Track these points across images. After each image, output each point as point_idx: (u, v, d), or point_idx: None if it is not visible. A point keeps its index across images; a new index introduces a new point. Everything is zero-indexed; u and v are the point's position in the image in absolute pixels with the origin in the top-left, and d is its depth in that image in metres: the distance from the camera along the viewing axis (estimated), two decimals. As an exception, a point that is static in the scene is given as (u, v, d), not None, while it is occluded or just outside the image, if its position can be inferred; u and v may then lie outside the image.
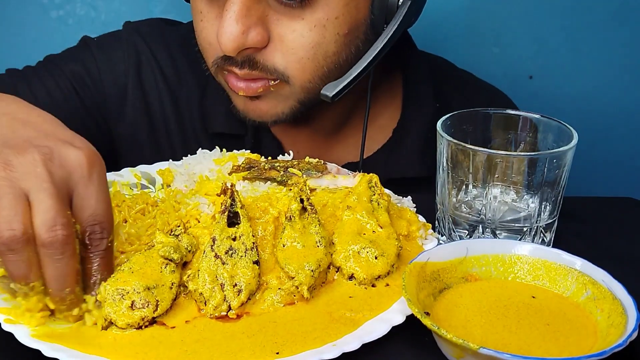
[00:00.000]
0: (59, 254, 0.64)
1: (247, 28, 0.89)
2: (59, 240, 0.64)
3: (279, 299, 0.72)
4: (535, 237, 0.83)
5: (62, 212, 0.65)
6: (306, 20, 0.90)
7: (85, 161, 0.67)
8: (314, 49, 0.92)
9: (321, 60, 0.93)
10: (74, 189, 0.67)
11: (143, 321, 0.68)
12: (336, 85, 0.91)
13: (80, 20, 1.49)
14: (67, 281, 0.66)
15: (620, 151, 1.60)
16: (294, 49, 0.92)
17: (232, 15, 0.88)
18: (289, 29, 0.91)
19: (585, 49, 1.53)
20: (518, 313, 0.68)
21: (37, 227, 0.64)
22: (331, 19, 0.91)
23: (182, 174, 0.92)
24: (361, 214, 0.79)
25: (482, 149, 0.79)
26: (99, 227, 0.68)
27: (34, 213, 0.64)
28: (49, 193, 0.64)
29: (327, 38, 0.92)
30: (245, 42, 0.90)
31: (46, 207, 0.64)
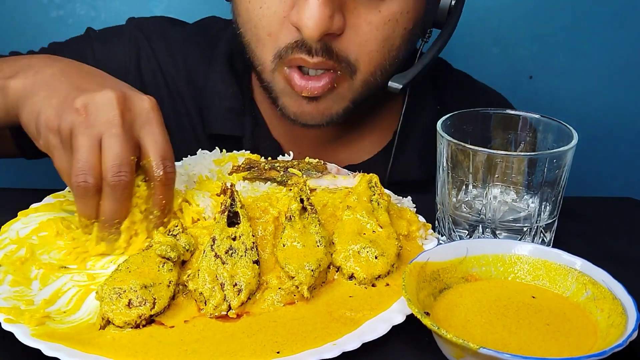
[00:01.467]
0: (119, 195, 0.74)
1: (332, 12, 0.87)
2: (121, 185, 0.73)
3: (279, 298, 0.72)
4: (535, 237, 0.83)
5: (127, 159, 0.73)
6: (382, 12, 0.90)
7: (151, 105, 0.77)
8: (383, 42, 0.92)
9: (387, 53, 0.94)
10: (141, 130, 0.76)
11: (140, 319, 0.68)
12: (405, 76, 0.94)
13: (80, 20, 1.49)
14: (119, 216, 0.76)
15: (620, 151, 1.60)
16: (367, 41, 0.92)
17: None
18: (365, 20, 0.90)
19: (585, 49, 1.53)
20: (518, 313, 0.68)
21: (105, 170, 0.73)
22: (404, 13, 0.92)
23: (182, 174, 0.92)
24: (361, 213, 0.79)
25: (482, 149, 0.79)
26: (169, 161, 0.77)
27: (104, 157, 0.73)
28: (119, 139, 0.73)
29: (396, 32, 0.93)
30: (331, 27, 0.88)
31: (114, 154, 0.73)
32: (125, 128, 0.74)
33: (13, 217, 0.84)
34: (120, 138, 0.74)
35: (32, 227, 0.82)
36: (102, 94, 0.75)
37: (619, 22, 1.51)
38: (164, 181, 0.76)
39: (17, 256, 0.77)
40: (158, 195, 0.77)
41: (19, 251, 0.78)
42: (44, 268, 0.76)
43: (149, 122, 0.76)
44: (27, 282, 0.74)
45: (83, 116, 0.74)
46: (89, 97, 0.75)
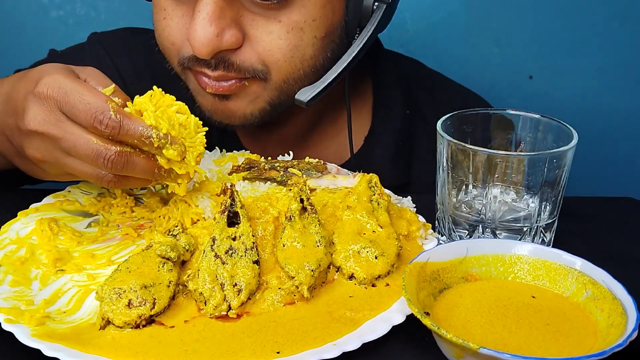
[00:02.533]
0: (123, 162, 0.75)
1: (221, 30, 0.86)
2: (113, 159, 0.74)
3: (279, 298, 0.72)
4: (535, 237, 0.83)
5: (91, 144, 0.74)
6: (283, 22, 0.88)
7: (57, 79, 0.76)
8: (291, 52, 0.89)
9: (298, 63, 0.91)
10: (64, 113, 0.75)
11: (140, 319, 0.68)
12: (312, 90, 0.89)
13: (80, 20, 1.49)
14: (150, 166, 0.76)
15: (620, 151, 1.60)
16: (270, 51, 0.89)
17: (205, 17, 0.84)
18: (265, 31, 0.88)
19: (585, 49, 1.53)
20: (518, 313, 0.68)
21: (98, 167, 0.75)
22: (308, 21, 0.89)
23: (182, 174, 0.92)
24: (361, 214, 0.79)
25: (482, 149, 0.79)
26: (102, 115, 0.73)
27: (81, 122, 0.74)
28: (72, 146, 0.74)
29: (305, 41, 0.90)
30: (220, 45, 0.87)
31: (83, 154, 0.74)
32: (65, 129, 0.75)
33: (13, 217, 0.84)
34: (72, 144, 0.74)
35: (32, 227, 0.82)
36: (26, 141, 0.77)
37: (619, 22, 1.51)
38: (114, 130, 0.73)
39: (17, 256, 0.78)
40: (129, 140, 0.74)
41: (19, 251, 0.78)
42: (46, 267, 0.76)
43: (60, 101, 0.75)
44: (27, 282, 0.74)
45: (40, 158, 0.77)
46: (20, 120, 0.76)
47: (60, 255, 0.78)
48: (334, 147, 1.09)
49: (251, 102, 0.94)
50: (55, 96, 0.75)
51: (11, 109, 0.79)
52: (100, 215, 0.87)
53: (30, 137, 0.76)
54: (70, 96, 0.74)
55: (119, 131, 0.73)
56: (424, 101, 1.12)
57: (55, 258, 0.77)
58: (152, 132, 0.74)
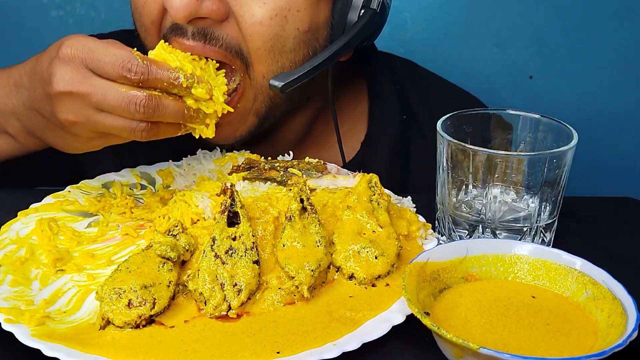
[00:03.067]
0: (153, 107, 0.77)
1: None
2: (144, 104, 0.76)
3: (279, 298, 0.72)
4: (535, 237, 0.83)
5: (122, 93, 0.76)
6: (268, 5, 0.86)
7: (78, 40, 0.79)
8: (271, 41, 0.88)
9: (277, 54, 0.89)
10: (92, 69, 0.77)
11: (140, 319, 0.68)
12: (288, 76, 0.86)
13: (80, 20, 1.49)
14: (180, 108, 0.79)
15: (620, 151, 1.60)
16: (252, 36, 0.87)
17: None
18: (248, 12, 0.86)
19: (585, 49, 1.53)
20: (518, 313, 0.68)
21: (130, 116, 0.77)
22: (293, 10, 0.88)
23: (182, 175, 0.92)
24: (361, 214, 0.79)
25: (482, 149, 0.79)
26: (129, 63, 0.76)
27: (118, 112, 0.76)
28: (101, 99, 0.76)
29: (287, 32, 0.88)
30: (199, 10, 0.84)
31: (114, 105, 0.76)
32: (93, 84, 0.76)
33: (13, 217, 0.84)
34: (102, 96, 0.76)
35: (32, 227, 0.82)
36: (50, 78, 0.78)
37: (619, 22, 1.51)
38: (143, 76, 0.76)
39: (17, 256, 0.78)
40: (158, 84, 0.77)
41: (19, 251, 0.78)
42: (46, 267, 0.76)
43: (86, 59, 0.77)
44: (27, 282, 0.74)
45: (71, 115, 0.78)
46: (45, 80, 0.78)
47: (60, 255, 0.78)
48: (328, 154, 1.08)
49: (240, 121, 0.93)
50: (80, 54, 0.76)
51: (38, 80, 0.81)
52: (100, 215, 0.87)
53: (60, 99, 0.77)
54: (96, 52, 0.76)
55: (147, 76, 0.75)
56: (418, 104, 1.11)
57: (55, 258, 0.77)
58: (179, 73, 0.78)
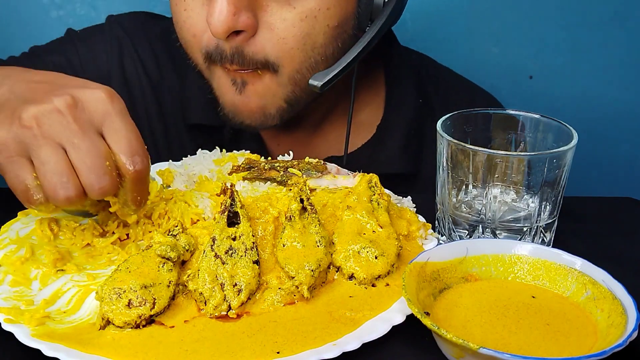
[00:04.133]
0: (107, 195, 0.71)
1: (237, 10, 0.87)
2: (106, 191, 0.70)
3: (279, 298, 0.72)
4: (535, 237, 0.83)
5: (103, 167, 0.69)
6: (297, 9, 0.90)
7: (105, 97, 0.71)
8: (303, 39, 0.91)
9: (309, 51, 0.93)
10: (102, 127, 0.71)
11: (140, 319, 0.68)
12: (325, 74, 0.91)
13: (80, 20, 1.49)
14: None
15: (620, 151, 1.60)
16: (284, 39, 0.91)
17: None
18: (279, 18, 0.90)
19: (585, 49, 1.53)
20: (518, 313, 0.68)
21: (85, 183, 0.69)
22: (322, 9, 0.91)
23: (181, 175, 0.92)
24: (361, 214, 0.79)
25: (482, 149, 0.79)
26: (138, 156, 0.71)
27: (79, 173, 0.69)
28: (85, 149, 0.69)
29: (317, 29, 0.92)
30: (236, 25, 0.88)
31: (88, 167, 0.69)
32: (86, 131, 0.70)
33: (13, 217, 0.84)
34: (85, 146, 0.69)
35: (32, 227, 0.82)
36: (49, 103, 0.70)
37: (619, 22, 1.51)
38: (135, 178, 0.72)
39: (17, 256, 0.78)
40: (131, 192, 0.73)
41: (19, 251, 0.78)
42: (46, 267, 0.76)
43: (109, 116, 0.71)
44: (27, 282, 0.74)
45: (35, 129, 0.69)
46: (36, 108, 0.69)
47: (60, 255, 0.78)
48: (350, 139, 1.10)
49: (268, 100, 0.96)
50: (107, 109, 0.71)
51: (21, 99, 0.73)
52: (100, 216, 0.86)
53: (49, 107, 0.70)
54: (121, 119, 0.72)
55: (139, 180, 0.72)
56: (433, 95, 1.14)
57: (55, 258, 0.77)
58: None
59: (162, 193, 0.87)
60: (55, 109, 0.69)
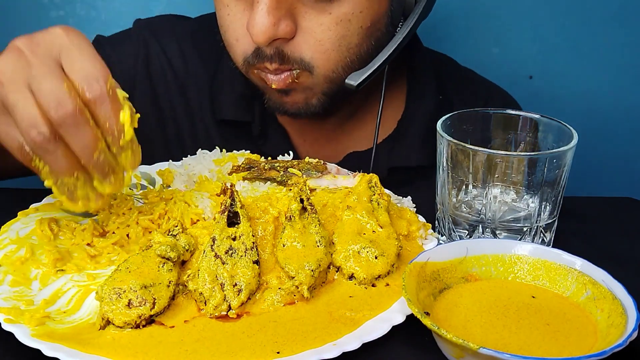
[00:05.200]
0: (74, 125, 0.67)
1: (277, 20, 0.92)
2: (68, 114, 0.67)
3: (279, 298, 0.72)
4: (535, 237, 0.83)
5: (61, 89, 0.67)
6: (333, 14, 0.94)
7: (61, 31, 0.70)
8: (339, 41, 0.95)
9: (345, 51, 0.97)
10: (60, 57, 0.69)
11: (140, 319, 0.68)
12: (360, 74, 0.96)
13: (80, 20, 1.49)
14: (93, 145, 0.69)
15: (620, 151, 1.60)
16: (321, 41, 0.95)
17: (264, 7, 0.91)
18: (317, 23, 0.94)
19: (585, 49, 1.53)
20: (518, 313, 0.68)
21: (48, 113, 0.67)
22: (356, 12, 0.94)
23: (181, 175, 0.92)
24: (361, 214, 0.79)
25: (482, 149, 0.79)
26: (95, 80, 0.68)
27: (39, 102, 0.67)
28: (43, 77, 0.67)
29: (352, 31, 0.96)
30: (276, 33, 0.92)
31: (45, 90, 0.67)
32: (43, 62, 0.68)
33: (13, 217, 0.84)
34: (43, 75, 0.67)
35: (32, 227, 0.82)
36: (4, 54, 0.70)
37: (619, 22, 1.51)
38: (94, 100, 0.68)
39: (17, 256, 0.78)
40: (99, 120, 0.69)
41: (19, 251, 0.78)
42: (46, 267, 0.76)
43: (65, 48, 0.69)
44: (27, 282, 0.74)
45: (0, 79, 0.68)
46: None
47: (60, 255, 0.78)
48: (369, 133, 1.13)
49: (308, 95, 1.01)
50: (63, 42, 0.70)
51: None
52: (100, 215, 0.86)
53: (10, 51, 0.70)
54: (78, 49, 0.70)
55: (100, 103, 0.68)
56: (453, 90, 1.17)
57: (55, 258, 0.77)
58: (124, 128, 0.70)
59: (162, 193, 0.87)
60: (14, 49, 0.69)
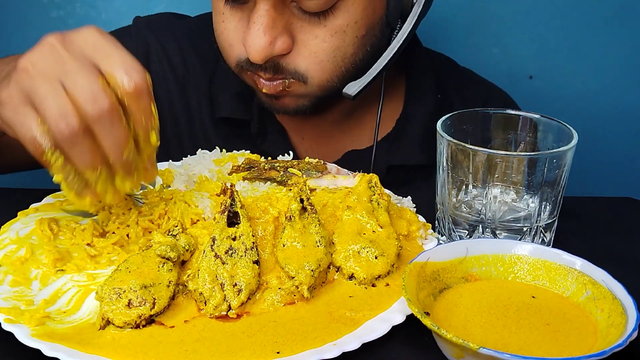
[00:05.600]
0: (109, 121, 0.68)
1: (273, 39, 0.92)
2: (105, 110, 0.67)
3: (279, 298, 0.72)
4: (535, 237, 0.83)
5: (97, 85, 0.67)
6: (328, 27, 0.94)
7: (94, 30, 0.71)
8: (334, 52, 0.96)
9: (340, 61, 0.97)
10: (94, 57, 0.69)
11: (140, 319, 0.68)
12: (358, 83, 0.96)
13: (80, 20, 1.49)
14: (125, 143, 0.69)
15: (620, 151, 1.60)
16: (316, 53, 0.95)
17: (260, 28, 0.91)
18: (312, 35, 0.94)
19: (585, 49, 1.53)
20: (518, 313, 0.68)
21: (82, 108, 0.67)
22: (351, 24, 0.95)
23: (181, 175, 0.92)
24: (361, 214, 0.79)
25: (482, 149, 0.79)
26: (136, 71, 0.69)
27: (74, 97, 0.67)
28: (77, 72, 0.68)
29: (347, 42, 0.96)
30: (272, 52, 0.93)
31: (80, 86, 0.67)
32: (77, 59, 0.69)
33: (13, 217, 0.84)
34: (78, 71, 0.68)
35: (32, 227, 0.82)
36: (38, 47, 0.70)
37: (619, 22, 1.51)
38: (135, 93, 0.69)
39: (17, 256, 0.78)
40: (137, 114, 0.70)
41: (19, 251, 0.78)
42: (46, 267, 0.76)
43: (100, 46, 0.70)
44: (27, 282, 0.74)
45: (31, 70, 0.69)
46: (29, 53, 0.70)
47: (60, 255, 0.78)
48: (368, 132, 1.14)
49: (299, 100, 1.01)
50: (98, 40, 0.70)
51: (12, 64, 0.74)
52: (100, 215, 0.86)
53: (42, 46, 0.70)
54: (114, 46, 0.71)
55: (141, 95, 0.69)
56: (452, 90, 1.18)
57: (55, 258, 0.77)
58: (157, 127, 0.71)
59: (162, 193, 0.87)
60: (47, 45, 0.69)
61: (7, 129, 0.72)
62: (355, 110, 1.14)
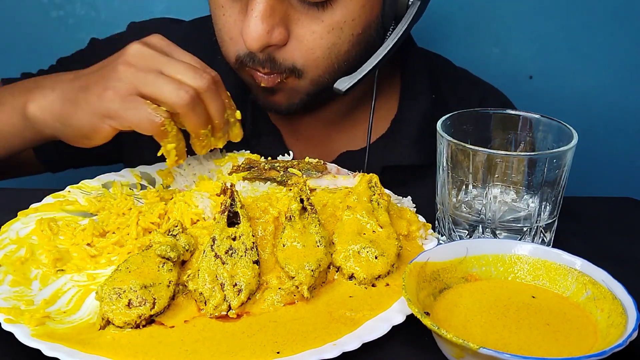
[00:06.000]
0: (213, 91, 0.86)
1: (271, 27, 0.93)
2: (207, 82, 0.85)
3: (279, 298, 0.72)
4: (535, 237, 0.83)
5: (189, 67, 0.85)
6: (325, 22, 0.94)
7: (161, 36, 0.89)
8: (329, 49, 0.96)
9: (334, 58, 0.97)
10: (170, 54, 0.87)
11: (140, 319, 0.68)
12: (349, 80, 0.96)
13: (80, 20, 1.49)
14: (223, 108, 0.89)
15: (620, 151, 1.60)
16: (312, 49, 0.96)
17: (258, 15, 0.92)
18: (309, 30, 0.95)
19: (585, 49, 1.53)
20: (518, 313, 0.68)
21: (191, 83, 0.84)
22: (348, 21, 0.95)
23: (182, 175, 0.92)
24: (361, 214, 0.79)
25: (482, 149, 0.79)
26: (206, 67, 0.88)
27: (180, 78, 0.84)
28: (170, 62, 0.85)
29: (343, 39, 0.96)
30: (269, 41, 0.93)
31: (180, 69, 0.85)
32: (164, 55, 0.86)
33: (13, 217, 0.84)
34: (169, 62, 0.85)
35: (32, 227, 0.82)
36: (128, 51, 0.86)
37: (619, 22, 1.51)
38: (217, 78, 0.87)
39: (17, 256, 0.78)
40: (222, 94, 0.88)
41: (19, 251, 0.78)
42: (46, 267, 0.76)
43: (172, 48, 0.88)
44: (27, 282, 0.74)
45: (133, 66, 0.84)
46: (125, 54, 0.86)
47: (60, 255, 0.78)
48: (362, 133, 1.14)
49: (291, 96, 1.02)
50: (165, 43, 0.88)
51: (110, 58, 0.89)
52: (100, 215, 0.87)
53: (130, 49, 0.86)
54: (176, 46, 0.89)
55: (218, 82, 0.87)
56: (447, 90, 1.18)
57: (55, 258, 0.77)
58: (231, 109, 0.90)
59: (162, 193, 0.87)
60: (136, 48, 0.85)
61: (111, 122, 0.84)
62: (349, 111, 1.14)
